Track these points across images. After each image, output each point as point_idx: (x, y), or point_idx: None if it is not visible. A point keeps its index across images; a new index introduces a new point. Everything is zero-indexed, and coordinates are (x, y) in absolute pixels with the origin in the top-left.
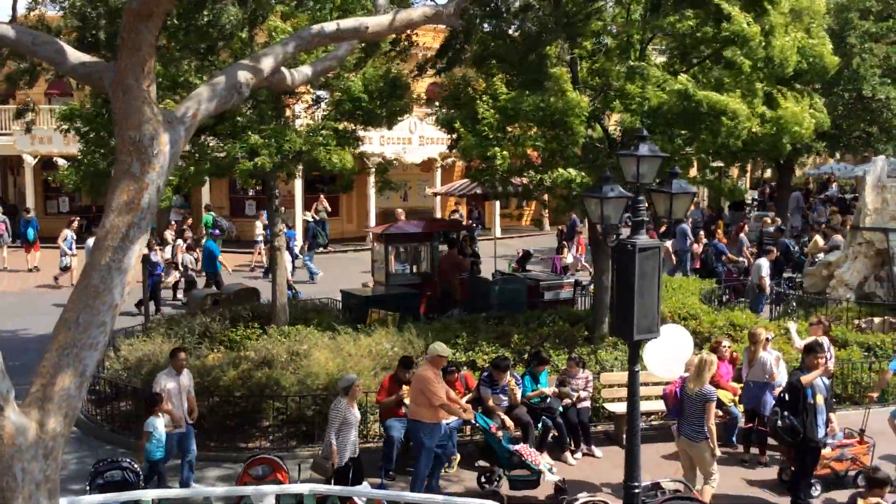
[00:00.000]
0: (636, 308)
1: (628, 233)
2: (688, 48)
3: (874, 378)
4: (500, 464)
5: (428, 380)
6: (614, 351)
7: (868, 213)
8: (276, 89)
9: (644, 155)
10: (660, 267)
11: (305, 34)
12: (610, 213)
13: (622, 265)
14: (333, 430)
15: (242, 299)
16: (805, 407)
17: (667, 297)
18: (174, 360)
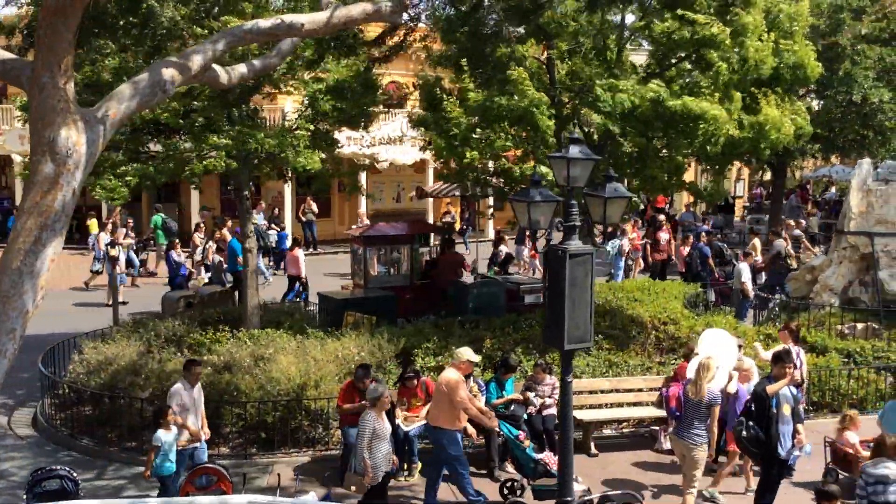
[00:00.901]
0: (567, 316)
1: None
2: (665, 51)
3: (853, 386)
4: (524, 473)
5: (453, 383)
6: (586, 357)
7: (853, 216)
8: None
9: (574, 157)
10: (592, 273)
11: (237, 31)
12: (538, 217)
13: (553, 272)
14: (364, 444)
15: (217, 302)
16: (769, 417)
17: (648, 300)
18: (188, 372)
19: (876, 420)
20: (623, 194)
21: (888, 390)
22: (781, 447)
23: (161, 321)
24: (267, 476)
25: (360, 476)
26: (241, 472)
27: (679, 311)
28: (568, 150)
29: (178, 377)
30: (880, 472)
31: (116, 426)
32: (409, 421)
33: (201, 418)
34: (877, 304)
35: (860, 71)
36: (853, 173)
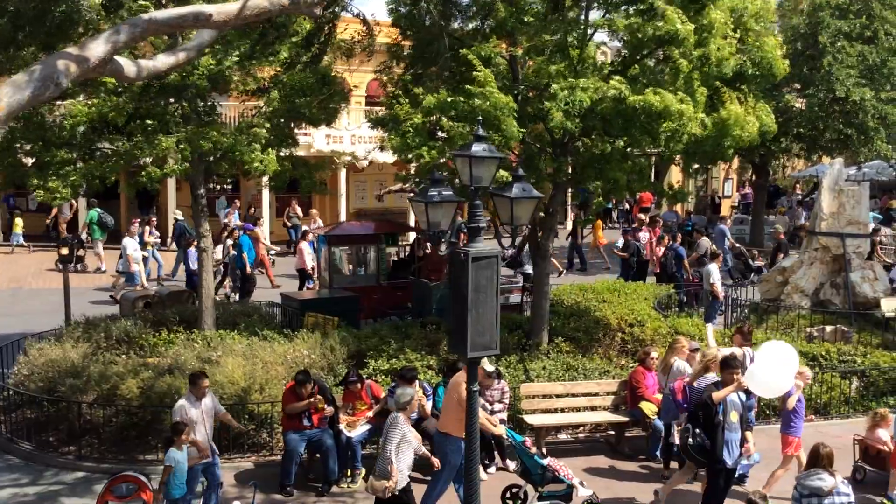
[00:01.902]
0: (470, 322)
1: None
2: (630, 48)
3: (816, 390)
4: (530, 480)
5: (460, 389)
6: (545, 359)
7: (824, 217)
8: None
9: (478, 156)
10: (497, 277)
11: (139, 21)
12: (438, 217)
13: (456, 276)
14: (393, 447)
15: (176, 302)
16: (715, 425)
17: (616, 302)
18: (195, 386)
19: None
20: (531, 195)
21: (854, 395)
22: (728, 455)
23: (113, 322)
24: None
25: (384, 480)
26: None
27: (647, 312)
28: (471, 147)
29: (117, 380)
30: (814, 483)
31: (56, 430)
32: (353, 426)
33: (226, 421)
34: (848, 306)
35: (842, 69)
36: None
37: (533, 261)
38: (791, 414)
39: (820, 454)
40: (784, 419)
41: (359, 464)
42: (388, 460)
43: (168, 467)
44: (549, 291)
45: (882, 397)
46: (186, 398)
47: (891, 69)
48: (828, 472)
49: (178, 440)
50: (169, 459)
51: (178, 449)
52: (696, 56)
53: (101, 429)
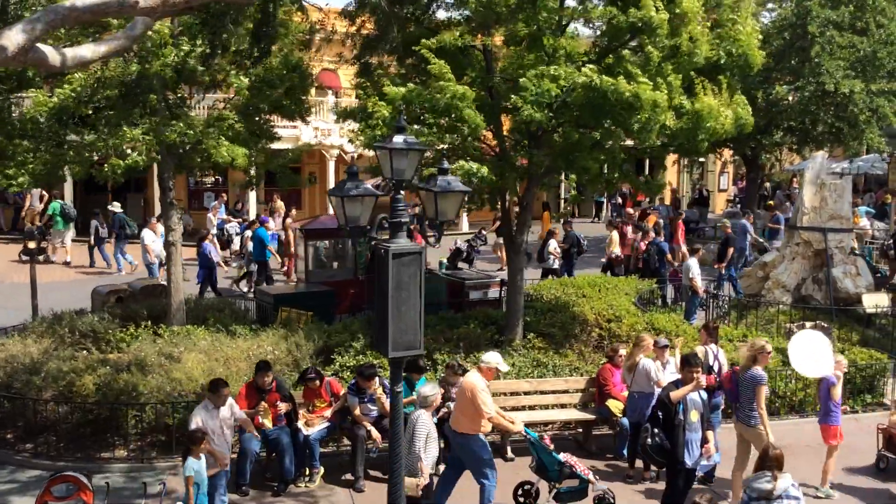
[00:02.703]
0: (391, 321)
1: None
2: (606, 38)
3: (790, 387)
4: (547, 477)
5: (478, 389)
6: (515, 356)
7: (805, 211)
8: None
9: (397, 147)
10: (421, 274)
11: (60, 9)
12: (356, 212)
13: (378, 273)
14: (421, 445)
15: (149, 297)
16: (675, 425)
17: (596, 297)
18: (215, 394)
19: None
20: (457, 188)
21: None
22: (688, 456)
23: (80, 317)
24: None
25: (414, 478)
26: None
27: (625, 308)
28: (391, 139)
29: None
30: (763, 486)
31: (14, 427)
32: (311, 424)
33: (247, 426)
34: (829, 302)
35: (831, 61)
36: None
37: (506, 254)
38: (831, 403)
39: (769, 456)
40: (823, 409)
41: (317, 463)
42: (417, 457)
43: (189, 478)
44: (524, 286)
45: (859, 395)
46: (204, 406)
47: (882, 60)
48: (776, 474)
49: (195, 449)
50: (188, 470)
51: (196, 458)
52: (668, 45)
53: (57, 426)
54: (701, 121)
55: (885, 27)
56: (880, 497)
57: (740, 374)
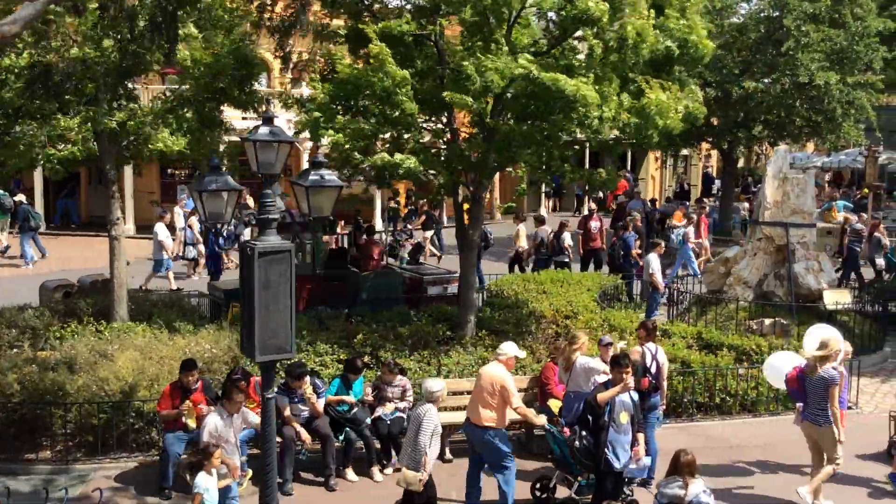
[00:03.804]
0: (258, 323)
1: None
2: (560, 28)
3: (743, 386)
4: (571, 471)
5: (507, 381)
6: (462, 353)
7: (767, 206)
8: None
9: (262, 140)
10: (292, 273)
11: None
12: (217, 208)
13: (244, 272)
14: (427, 438)
15: (98, 292)
16: (601, 427)
17: (557, 293)
18: (229, 401)
19: None
20: (332, 183)
21: (783, 392)
22: (616, 459)
23: (21, 312)
24: (82, 486)
25: (416, 473)
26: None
27: (585, 304)
28: (257, 131)
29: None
30: (673, 492)
31: None
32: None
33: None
34: (791, 298)
35: (806, 53)
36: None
37: (459, 250)
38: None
39: (680, 461)
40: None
41: (245, 465)
42: (421, 451)
43: (197, 495)
44: (475, 281)
45: None
46: (218, 413)
47: (858, 53)
48: (688, 480)
49: (207, 465)
50: (197, 486)
51: (209, 473)
52: (613, 38)
53: None
54: (649, 116)
55: (862, 19)
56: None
57: (808, 373)
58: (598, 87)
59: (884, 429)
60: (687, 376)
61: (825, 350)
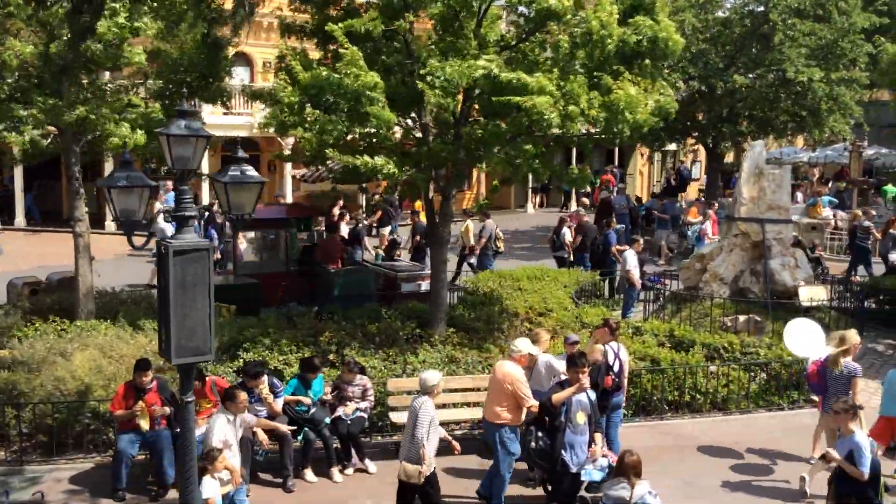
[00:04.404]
0: (173, 325)
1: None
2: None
3: (713, 384)
4: None
5: (518, 379)
6: (429, 351)
7: (744, 202)
8: None
9: (177, 134)
10: (210, 273)
11: None
12: (130, 206)
13: (159, 271)
14: (425, 432)
15: (65, 289)
16: (558, 427)
17: (532, 289)
18: (232, 402)
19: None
20: (252, 179)
21: (755, 389)
22: (572, 459)
23: None
24: (34, 487)
25: (416, 465)
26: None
27: (560, 301)
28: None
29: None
30: (618, 493)
31: None
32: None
33: (271, 428)
34: (767, 294)
35: (792, 48)
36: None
37: (430, 247)
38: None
39: (625, 462)
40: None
41: None
42: (419, 445)
43: (205, 501)
44: (447, 279)
45: (786, 391)
46: (224, 414)
47: (843, 49)
48: (634, 481)
49: (211, 469)
50: (205, 492)
51: (214, 478)
52: (579, 34)
53: None
54: (618, 111)
55: (847, 14)
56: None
57: (829, 367)
58: (563, 83)
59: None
60: (656, 374)
61: (845, 344)
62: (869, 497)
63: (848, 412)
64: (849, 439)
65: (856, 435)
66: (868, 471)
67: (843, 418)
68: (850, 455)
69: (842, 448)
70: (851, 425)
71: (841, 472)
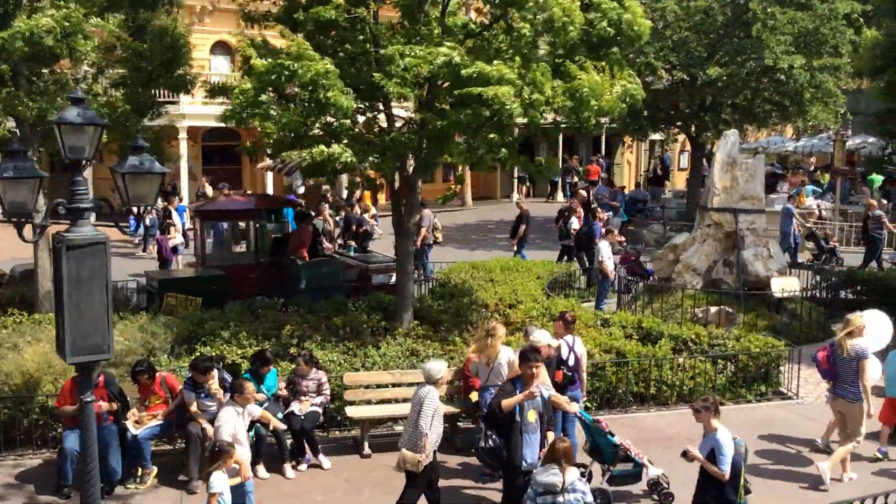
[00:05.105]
0: (68, 321)
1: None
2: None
3: (680, 376)
4: (602, 459)
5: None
6: (391, 344)
7: (717, 192)
8: None
9: (70, 122)
10: (108, 268)
11: None
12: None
13: (54, 266)
14: (428, 421)
15: (28, 281)
16: (511, 427)
17: (504, 281)
18: (239, 394)
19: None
20: (154, 170)
21: (723, 381)
22: (524, 458)
23: None
24: None
25: (415, 454)
26: None
27: (531, 293)
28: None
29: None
30: (549, 479)
31: None
32: (141, 422)
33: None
34: (740, 285)
35: (772, 37)
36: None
37: (395, 239)
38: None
39: (556, 448)
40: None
41: (147, 463)
42: (421, 434)
43: (213, 496)
44: (413, 270)
45: (753, 383)
46: (232, 407)
47: (825, 36)
48: (565, 467)
49: (222, 463)
50: (213, 487)
51: (223, 473)
52: (540, 21)
53: None
54: (583, 99)
55: (829, 1)
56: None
57: (837, 351)
58: (524, 71)
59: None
60: (622, 367)
61: (850, 326)
62: (728, 498)
63: (709, 409)
64: (711, 437)
65: (718, 433)
66: (728, 469)
67: (705, 416)
68: (713, 453)
69: (704, 446)
70: (714, 422)
71: (703, 471)
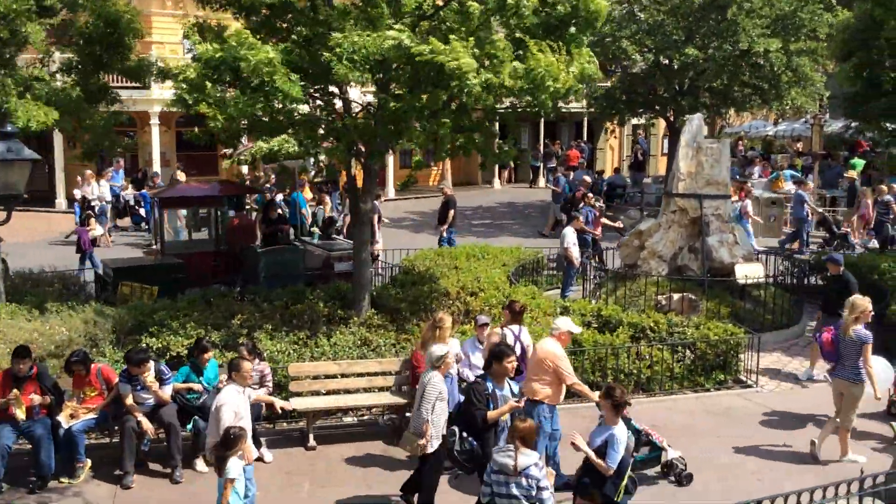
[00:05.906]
0: None
1: None
2: None
3: (637, 365)
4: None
5: (558, 356)
6: (343, 334)
7: (681, 177)
8: None
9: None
10: None
11: None
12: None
13: None
14: (430, 406)
15: None
16: (488, 428)
17: (468, 268)
18: (238, 373)
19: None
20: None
21: (681, 369)
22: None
23: None
24: None
25: (417, 437)
26: None
27: (494, 280)
28: None
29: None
30: (503, 460)
31: None
32: (76, 416)
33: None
34: (703, 272)
35: (748, 20)
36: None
37: (354, 227)
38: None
39: (517, 428)
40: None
41: (81, 456)
42: (423, 419)
43: (230, 482)
44: (370, 258)
45: (712, 372)
46: (234, 389)
47: (802, 20)
48: (521, 449)
49: (236, 449)
50: (230, 472)
51: (238, 458)
52: (491, 1)
53: None
54: (539, 80)
55: None
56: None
57: (842, 334)
58: (478, 51)
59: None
60: (577, 355)
61: (855, 311)
62: (606, 493)
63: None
64: (607, 428)
65: (615, 427)
66: (615, 465)
67: (607, 405)
68: (605, 444)
69: (598, 435)
70: (614, 417)
71: (587, 461)
